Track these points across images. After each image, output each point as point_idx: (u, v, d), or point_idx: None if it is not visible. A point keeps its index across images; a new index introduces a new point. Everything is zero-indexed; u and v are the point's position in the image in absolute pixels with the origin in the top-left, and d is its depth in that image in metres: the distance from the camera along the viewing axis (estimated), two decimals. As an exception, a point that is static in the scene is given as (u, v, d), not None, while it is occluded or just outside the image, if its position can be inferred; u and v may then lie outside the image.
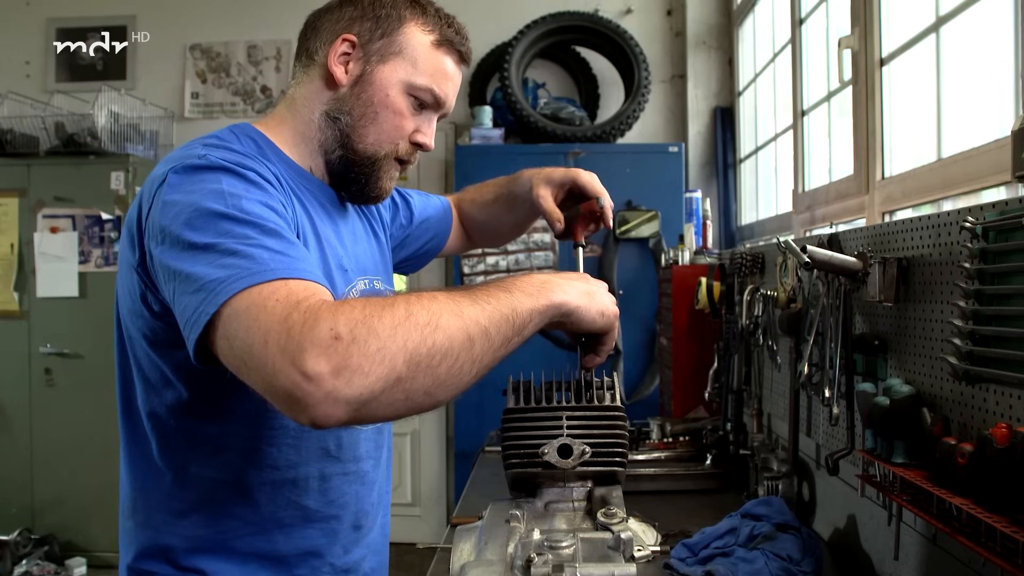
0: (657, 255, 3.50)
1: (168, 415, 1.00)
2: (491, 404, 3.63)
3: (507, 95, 3.77)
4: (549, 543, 0.87)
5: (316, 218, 1.08)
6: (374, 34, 1.06)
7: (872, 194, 2.16)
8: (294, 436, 1.04)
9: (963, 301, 1.02)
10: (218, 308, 0.77)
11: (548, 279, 0.93)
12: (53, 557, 3.77)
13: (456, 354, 0.77)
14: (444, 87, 1.10)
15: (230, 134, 1.04)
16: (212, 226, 0.83)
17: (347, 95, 1.07)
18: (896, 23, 2.11)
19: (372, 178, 1.11)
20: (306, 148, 1.10)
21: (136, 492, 1.04)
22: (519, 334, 0.86)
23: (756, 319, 1.90)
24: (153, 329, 0.96)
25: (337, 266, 1.08)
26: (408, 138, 1.11)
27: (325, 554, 1.09)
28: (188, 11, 4.42)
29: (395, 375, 0.73)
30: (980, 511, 0.87)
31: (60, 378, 3.91)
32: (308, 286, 0.79)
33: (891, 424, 1.11)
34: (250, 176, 0.91)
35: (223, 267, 0.79)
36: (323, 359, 0.71)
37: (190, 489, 1.01)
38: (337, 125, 1.08)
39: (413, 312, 0.76)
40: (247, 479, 1.02)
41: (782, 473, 1.70)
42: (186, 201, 0.86)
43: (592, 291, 0.99)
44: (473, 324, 0.80)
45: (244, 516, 1.03)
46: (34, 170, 3.95)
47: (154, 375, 0.99)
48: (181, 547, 1.02)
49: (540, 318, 0.90)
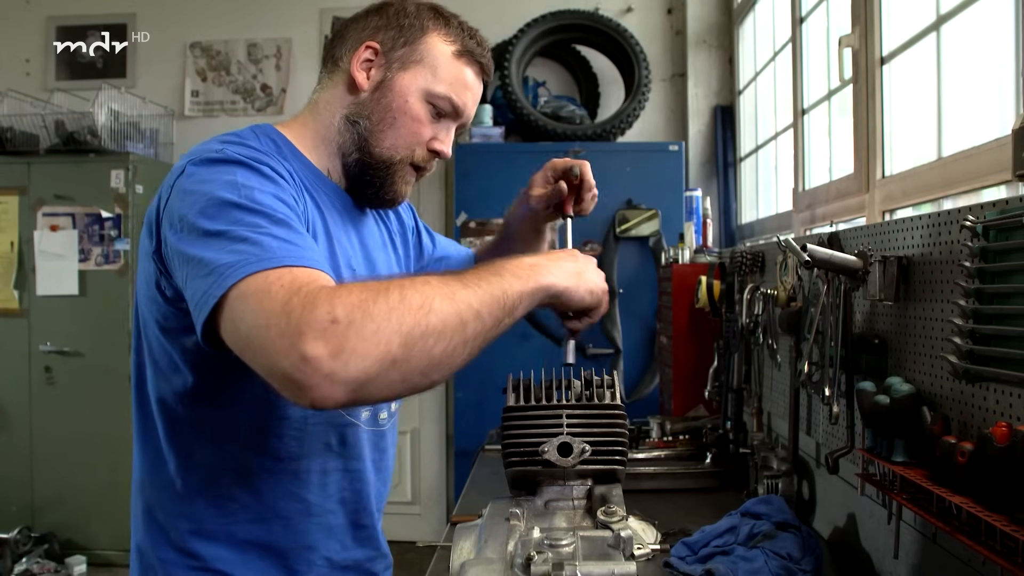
0: (657, 254, 3.50)
1: (176, 401, 1.03)
2: (491, 402, 3.64)
3: (507, 93, 3.77)
4: (549, 541, 0.88)
5: (328, 217, 1.10)
6: (396, 42, 1.10)
7: (872, 193, 2.16)
8: (297, 428, 1.06)
9: (963, 300, 1.02)
10: (226, 291, 0.80)
11: (537, 261, 0.97)
12: (53, 555, 3.77)
13: (449, 336, 0.80)
14: (463, 96, 1.13)
15: (251, 133, 1.07)
16: (224, 215, 0.86)
17: (367, 100, 1.10)
18: (897, 22, 2.10)
19: (387, 182, 1.13)
20: (325, 150, 1.13)
21: (145, 474, 1.08)
22: (510, 315, 0.89)
23: (756, 318, 1.90)
24: (165, 315, 0.99)
25: (346, 265, 1.10)
26: (425, 145, 1.13)
27: (321, 548, 1.11)
28: (188, 9, 4.41)
29: (391, 357, 0.76)
30: (980, 510, 0.87)
31: (60, 376, 3.91)
32: (311, 273, 0.81)
33: (891, 423, 1.11)
34: (264, 170, 0.94)
35: (233, 252, 0.82)
36: (321, 342, 0.73)
37: (194, 473, 1.04)
38: (356, 128, 1.11)
39: (407, 296, 0.79)
40: (250, 467, 1.04)
41: (782, 472, 1.70)
42: (201, 190, 0.89)
43: (580, 270, 1.02)
44: (465, 306, 0.82)
45: (246, 503, 1.05)
46: (34, 168, 3.95)
47: (164, 361, 1.02)
48: (185, 529, 1.04)
49: (530, 299, 0.93)
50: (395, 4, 1.13)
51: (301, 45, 4.30)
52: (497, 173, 3.64)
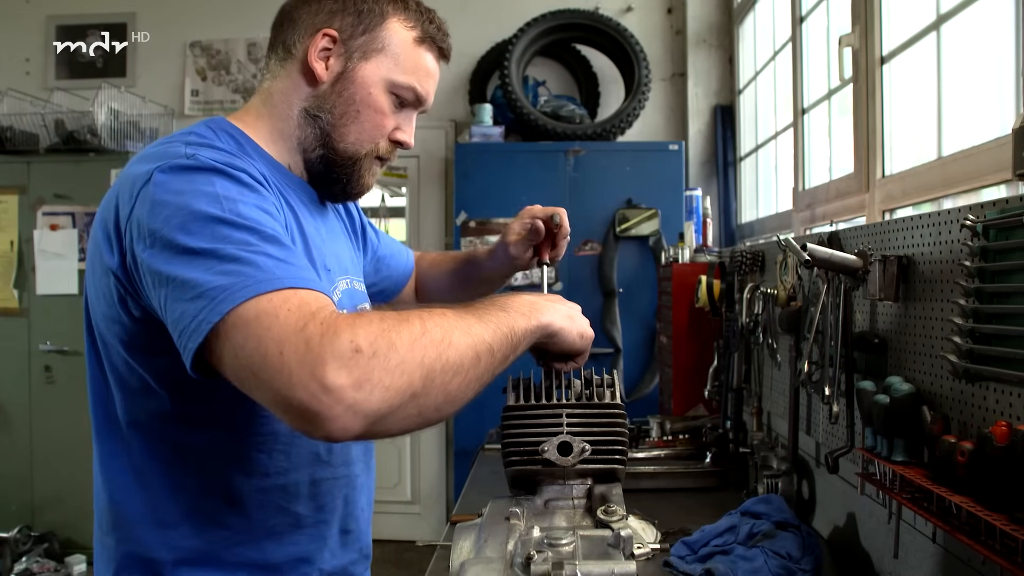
0: (657, 253, 3.50)
1: (152, 423, 0.97)
2: (491, 402, 3.61)
3: (507, 93, 3.77)
4: (549, 541, 0.87)
5: (301, 217, 1.06)
6: (356, 29, 1.04)
7: (872, 192, 2.16)
8: (284, 442, 1.02)
9: (963, 299, 1.02)
10: (222, 316, 0.75)
11: (535, 300, 0.96)
12: (53, 554, 3.77)
13: (466, 371, 0.79)
14: (425, 84, 1.09)
15: (208, 130, 1.01)
16: (208, 230, 0.80)
17: (327, 92, 1.05)
18: (897, 21, 2.10)
19: (354, 176, 1.10)
20: (284, 145, 1.08)
21: (116, 505, 1.00)
22: (515, 352, 0.89)
23: (756, 317, 1.90)
24: (132, 335, 0.92)
25: (322, 266, 1.07)
26: (388, 136, 1.10)
27: (315, 560, 1.07)
28: (188, 9, 4.41)
29: (412, 390, 0.74)
30: (980, 509, 0.87)
31: (60, 375, 3.91)
32: (318, 297, 0.78)
33: (891, 422, 1.11)
34: (242, 178, 0.88)
35: (225, 274, 0.77)
36: (344, 371, 0.70)
37: (176, 499, 0.98)
38: (317, 123, 1.06)
39: (428, 328, 0.77)
40: (236, 487, 0.99)
41: (782, 471, 1.70)
42: (177, 203, 0.83)
43: (572, 314, 1.02)
44: (480, 342, 0.81)
45: (234, 525, 1.00)
46: (34, 167, 3.95)
47: (134, 382, 0.96)
48: (168, 560, 0.97)
49: (531, 337, 0.93)
50: None
51: (301, 44, 4.30)
52: (497, 172, 3.64)
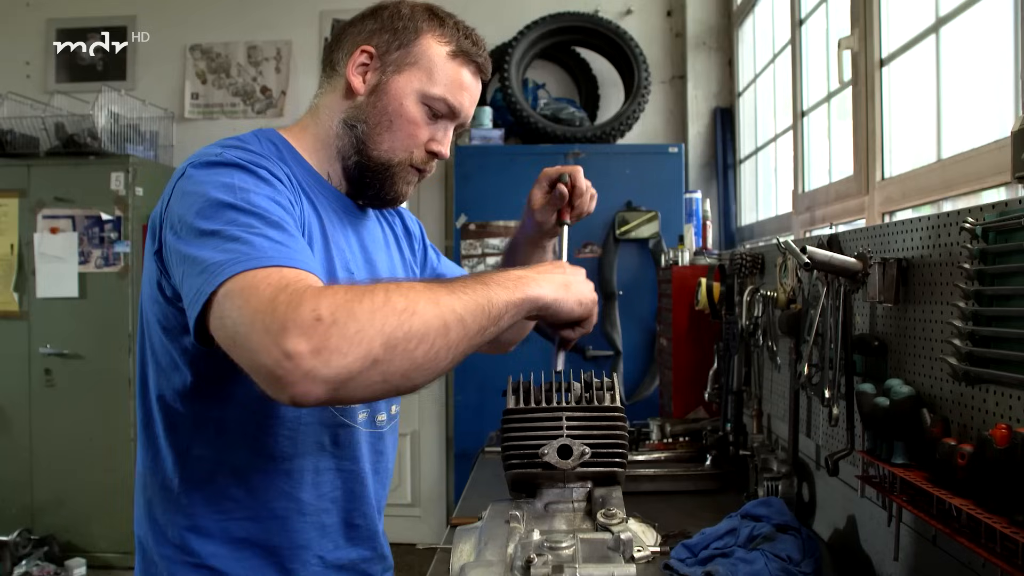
0: (657, 256, 3.50)
1: (174, 398, 1.05)
2: (491, 405, 3.64)
3: (507, 96, 3.77)
4: (549, 544, 0.88)
5: (325, 219, 1.11)
6: (391, 45, 1.11)
7: (872, 195, 2.16)
8: (290, 427, 1.07)
9: (963, 302, 1.02)
10: (215, 288, 0.82)
11: (524, 274, 0.98)
12: (53, 558, 3.77)
13: (432, 339, 0.81)
14: (459, 97, 1.14)
15: (252, 137, 1.09)
16: (220, 215, 0.88)
17: (364, 103, 1.12)
18: (896, 24, 2.11)
19: (387, 183, 1.15)
20: (325, 154, 1.14)
21: (146, 471, 1.10)
22: (495, 324, 0.90)
23: (756, 320, 1.90)
24: (166, 314, 1.01)
25: (343, 267, 1.11)
26: (423, 146, 1.14)
27: (315, 547, 1.12)
28: (188, 12, 4.42)
29: (372, 357, 0.77)
30: (980, 512, 0.87)
31: (60, 379, 3.91)
32: (299, 273, 0.83)
33: (891, 425, 1.11)
34: (261, 173, 0.96)
35: (225, 251, 0.84)
36: (303, 339, 0.75)
37: (191, 471, 1.06)
38: (354, 132, 1.12)
39: (391, 298, 0.80)
40: (245, 465, 1.06)
41: (782, 474, 1.70)
42: (199, 192, 0.92)
43: (569, 281, 1.03)
44: (449, 312, 0.84)
45: (241, 501, 1.06)
46: (34, 170, 3.95)
47: (165, 360, 1.04)
48: (182, 526, 1.06)
49: (516, 310, 0.94)
50: (390, 7, 1.14)
51: (301, 47, 4.30)
52: (497, 175, 3.64)
